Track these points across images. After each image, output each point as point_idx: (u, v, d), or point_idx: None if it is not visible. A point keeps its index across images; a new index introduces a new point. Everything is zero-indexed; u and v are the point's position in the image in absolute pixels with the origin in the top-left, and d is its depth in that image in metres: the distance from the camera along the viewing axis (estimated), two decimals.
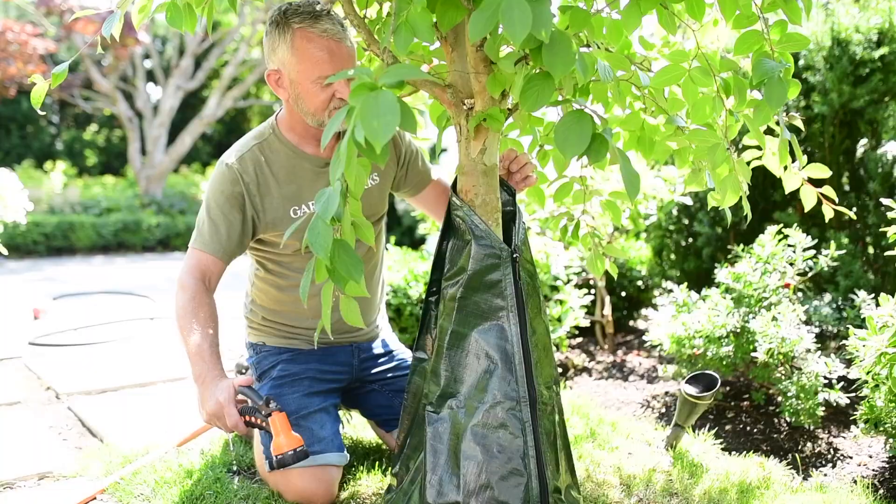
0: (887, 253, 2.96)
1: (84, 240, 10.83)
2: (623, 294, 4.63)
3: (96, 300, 6.42)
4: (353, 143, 1.28)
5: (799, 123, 2.15)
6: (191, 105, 17.14)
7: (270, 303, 2.45)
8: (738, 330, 3.04)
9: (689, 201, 4.28)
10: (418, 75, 1.42)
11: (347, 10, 1.85)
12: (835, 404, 2.94)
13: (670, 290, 3.67)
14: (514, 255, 1.88)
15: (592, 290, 4.34)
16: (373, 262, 2.50)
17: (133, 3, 1.95)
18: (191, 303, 2.18)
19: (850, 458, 2.68)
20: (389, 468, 2.47)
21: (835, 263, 3.28)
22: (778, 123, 1.98)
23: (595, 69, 1.66)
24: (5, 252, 4.73)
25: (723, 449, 2.76)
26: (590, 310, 4.35)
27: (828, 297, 3.53)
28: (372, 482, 2.40)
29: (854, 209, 3.81)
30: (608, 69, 1.71)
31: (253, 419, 2.03)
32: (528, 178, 2.22)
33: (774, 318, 2.91)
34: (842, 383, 3.01)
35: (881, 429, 2.54)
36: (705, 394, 2.61)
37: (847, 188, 3.99)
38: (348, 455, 2.32)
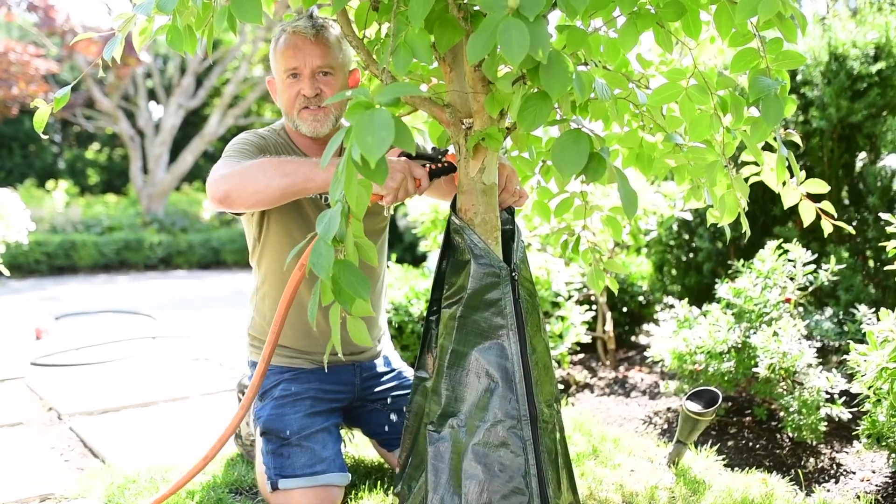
0: (887, 267, 2.97)
1: (86, 258, 10.85)
2: (624, 309, 4.63)
3: (98, 319, 6.43)
4: (352, 162, 1.29)
5: (796, 139, 2.16)
6: (192, 123, 17.22)
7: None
8: (740, 345, 3.04)
9: (689, 216, 4.30)
10: (415, 93, 1.43)
11: (346, 30, 1.87)
12: (837, 419, 2.93)
13: (671, 306, 3.67)
14: (514, 274, 1.89)
15: (594, 306, 4.34)
16: (373, 279, 2.50)
17: (134, 25, 1.97)
18: (259, 160, 2.06)
19: (853, 473, 2.68)
20: (391, 487, 2.47)
21: (835, 278, 3.28)
22: (775, 139, 1.99)
23: (592, 87, 1.67)
24: (7, 272, 4.75)
25: (725, 465, 2.76)
26: (591, 326, 4.34)
27: (829, 311, 3.54)
28: (374, 502, 2.40)
29: (854, 223, 3.82)
30: (606, 87, 1.72)
31: (434, 165, 2.01)
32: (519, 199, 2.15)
33: (775, 333, 2.91)
34: (844, 398, 3.00)
35: (884, 444, 2.54)
36: (707, 410, 2.61)
37: (846, 202, 4.00)
38: (350, 475, 2.31)
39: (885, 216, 2.69)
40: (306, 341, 2.42)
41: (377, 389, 2.54)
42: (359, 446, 2.88)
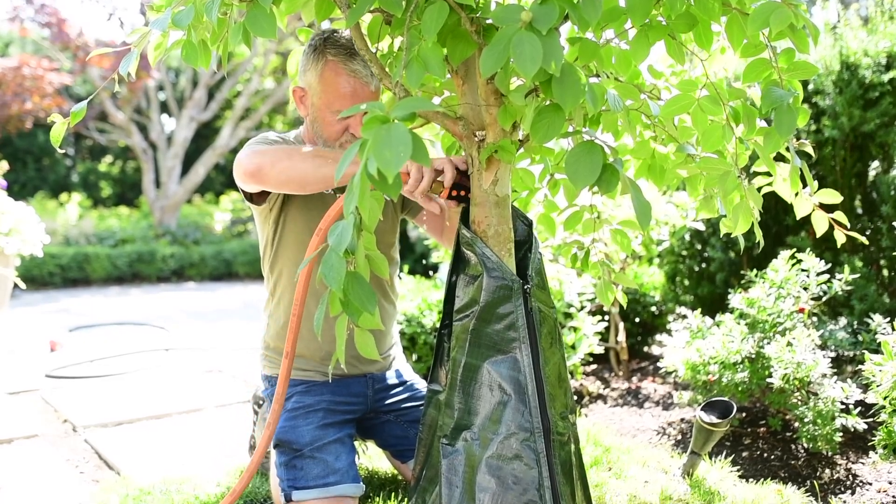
0: None
1: (99, 271, 10.89)
2: (637, 320, 4.62)
3: (112, 331, 6.46)
4: (366, 175, 1.30)
5: (809, 150, 2.15)
6: (204, 136, 17.30)
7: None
8: (753, 356, 3.03)
9: (701, 226, 4.29)
10: (430, 107, 1.43)
11: (359, 43, 1.88)
12: (853, 430, 2.92)
13: (684, 316, 3.66)
14: (526, 286, 1.89)
15: (606, 317, 4.33)
16: (384, 291, 2.51)
17: (149, 41, 1.99)
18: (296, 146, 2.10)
19: (870, 484, 2.66)
20: (405, 499, 2.46)
21: (849, 287, 3.27)
22: (788, 150, 1.99)
23: (605, 99, 1.67)
24: (23, 285, 4.77)
25: (740, 476, 2.74)
26: (604, 336, 4.33)
27: (843, 321, 3.52)
28: None
29: (867, 233, 3.80)
30: (618, 99, 1.73)
31: (461, 192, 1.97)
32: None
33: (789, 344, 2.89)
34: (859, 408, 2.99)
35: None
36: (721, 421, 2.60)
37: (860, 211, 3.98)
38: (364, 486, 2.31)
39: None
40: (319, 353, 2.43)
41: (389, 401, 2.54)
42: (372, 458, 2.89)
